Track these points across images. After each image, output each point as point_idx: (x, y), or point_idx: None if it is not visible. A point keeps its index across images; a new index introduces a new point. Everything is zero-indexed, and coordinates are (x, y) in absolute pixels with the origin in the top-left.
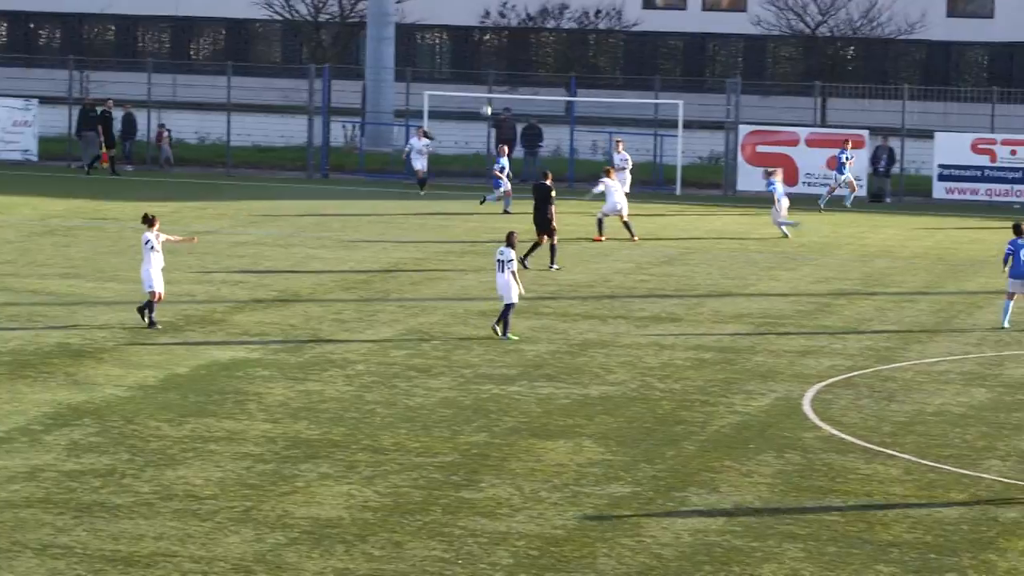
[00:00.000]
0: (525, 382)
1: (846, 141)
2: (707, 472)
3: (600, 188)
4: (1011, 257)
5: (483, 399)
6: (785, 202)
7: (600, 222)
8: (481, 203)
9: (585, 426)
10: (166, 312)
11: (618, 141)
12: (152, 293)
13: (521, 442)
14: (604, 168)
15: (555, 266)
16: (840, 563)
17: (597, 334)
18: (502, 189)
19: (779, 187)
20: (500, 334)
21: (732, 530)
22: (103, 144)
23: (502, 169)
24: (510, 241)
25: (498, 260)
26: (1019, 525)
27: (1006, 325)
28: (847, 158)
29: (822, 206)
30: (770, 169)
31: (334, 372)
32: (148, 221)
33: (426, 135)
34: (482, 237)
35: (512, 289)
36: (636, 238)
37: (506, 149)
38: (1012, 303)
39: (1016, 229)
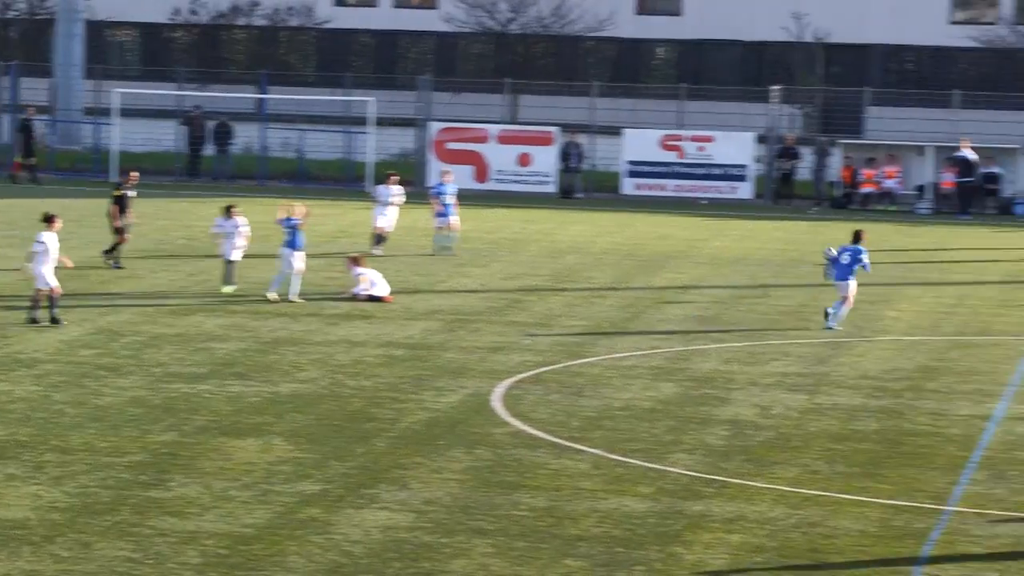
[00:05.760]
0: (215, 380)
1: None
2: (397, 469)
3: None
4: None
5: (173, 398)
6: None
7: None
8: None
9: (275, 424)
10: None
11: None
12: (50, 289)
13: (211, 441)
14: None
15: (117, 264)
16: (529, 558)
17: (288, 331)
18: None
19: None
20: None
21: (422, 526)
22: (22, 153)
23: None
24: None
25: None
26: (704, 518)
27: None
28: None
29: None
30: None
31: (22, 372)
32: (48, 220)
33: None
34: (171, 235)
35: None
36: None
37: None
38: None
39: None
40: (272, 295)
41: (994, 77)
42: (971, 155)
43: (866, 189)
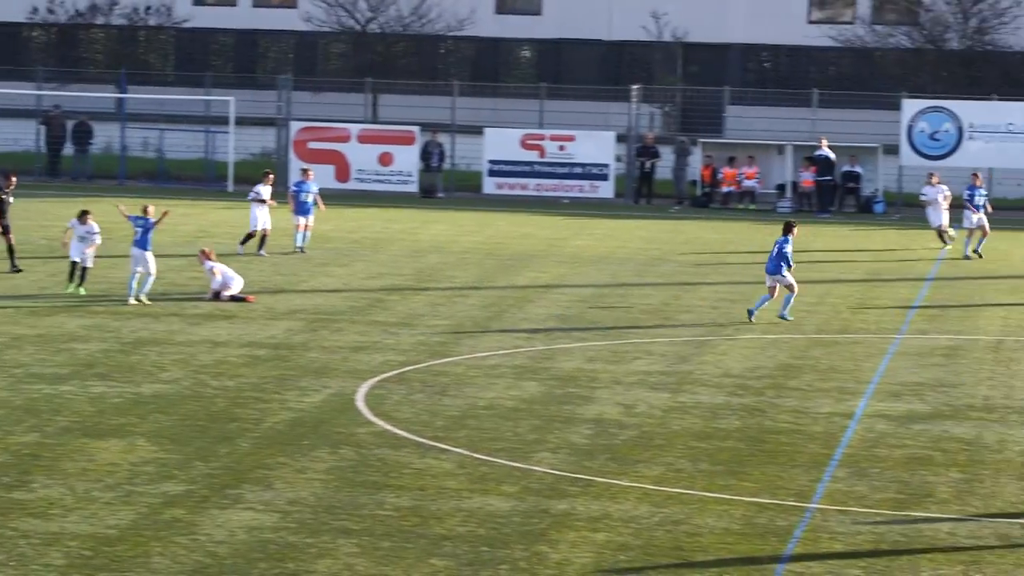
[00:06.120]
0: (77, 381)
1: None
2: (261, 469)
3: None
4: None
5: (34, 399)
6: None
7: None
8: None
9: (138, 425)
10: None
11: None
12: None
13: (73, 442)
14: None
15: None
16: (394, 558)
17: (150, 332)
18: (309, 219)
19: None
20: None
21: (287, 526)
22: None
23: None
24: None
25: None
26: (569, 516)
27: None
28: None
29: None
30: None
31: None
32: None
33: None
34: (31, 236)
35: None
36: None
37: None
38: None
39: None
40: (133, 300)
41: (852, 76)
42: (830, 154)
43: (726, 188)
